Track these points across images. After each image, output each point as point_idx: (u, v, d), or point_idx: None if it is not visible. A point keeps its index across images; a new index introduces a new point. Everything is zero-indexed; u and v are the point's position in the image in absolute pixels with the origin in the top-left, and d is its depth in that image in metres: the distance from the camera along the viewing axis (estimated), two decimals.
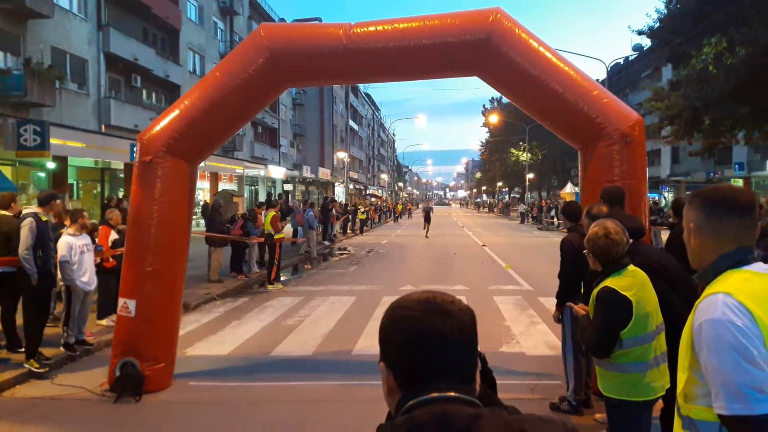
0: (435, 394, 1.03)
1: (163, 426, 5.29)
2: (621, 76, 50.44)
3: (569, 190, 36.54)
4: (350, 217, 31.46)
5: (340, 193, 58.39)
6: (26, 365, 6.51)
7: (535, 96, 6.06)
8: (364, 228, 33.24)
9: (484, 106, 71.06)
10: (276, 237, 13.28)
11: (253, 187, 40.63)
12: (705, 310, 1.62)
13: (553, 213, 38.90)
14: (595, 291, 3.21)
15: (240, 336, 8.47)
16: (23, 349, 6.71)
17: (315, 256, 19.09)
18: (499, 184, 73.05)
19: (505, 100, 62.93)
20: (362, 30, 6.03)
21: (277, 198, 21.71)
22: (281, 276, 13.96)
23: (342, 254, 20.66)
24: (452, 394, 1.03)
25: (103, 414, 5.53)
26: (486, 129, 69.37)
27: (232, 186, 33.73)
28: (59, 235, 7.19)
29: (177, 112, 6.33)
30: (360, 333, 8.42)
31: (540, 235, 31.17)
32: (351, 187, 58.62)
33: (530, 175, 52.06)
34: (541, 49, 5.87)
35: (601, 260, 3.25)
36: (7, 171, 16.44)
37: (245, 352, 7.64)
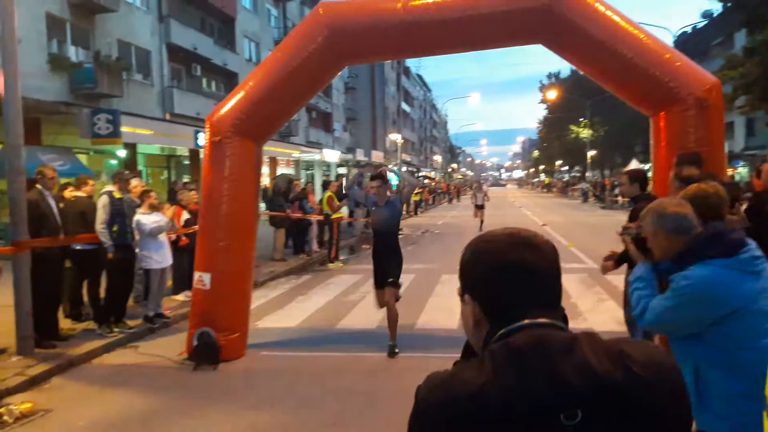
0: (527, 321, 1.04)
1: (240, 392, 5.59)
2: (689, 46, 47.89)
3: (634, 167, 35.33)
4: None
5: (393, 175, 58.49)
6: (105, 331, 7.03)
7: (603, 62, 5.93)
8: (419, 209, 33.28)
9: (541, 82, 69.11)
10: (333, 216, 13.60)
11: (308, 171, 41.29)
12: None
13: (617, 191, 37.72)
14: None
15: (306, 310, 8.78)
16: (111, 319, 7.19)
17: (358, 233, 19.32)
18: (558, 162, 71.31)
19: (563, 74, 61.45)
20: (420, 2, 6.06)
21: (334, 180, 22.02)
22: (340, 255, 14.25)
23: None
24: (544, 320, 1.05)
25: (183, 380, 5.90)
26: (544, 106, 67.63)
27: (289, 170, 34.42)
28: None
29: (242, 93, 6.58)
30: (421, 309, 8.56)
31: (603, 214, 30.42)
32: (404, 169, 58.62)
33: (592, 153, 50.56)
34: (608, 12, 5.73)
35: (704, 219, 3.12)
36: (83, 159, 17.39)
37: (312, 325, 7.93)
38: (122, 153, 18.89)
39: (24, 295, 6.23)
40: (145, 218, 7.49)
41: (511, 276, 1.08)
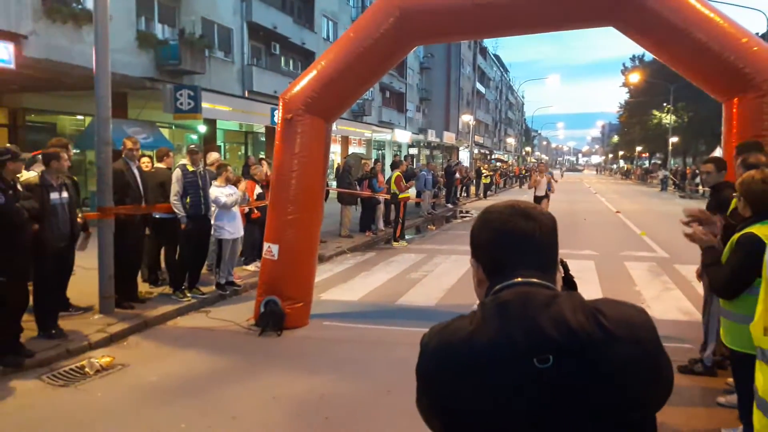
0: (519, 279, 1.18)
1: (302, 358, 5.85)
2: None
3: (719, 155, 33.44)
4: (473, 181, 31.35)
5: (464, 157, 57.91)
6: (178, 296, 7.50)
7: (676, 45, 5.72)
8: (488, 193, 32.90)
9: (624, 64, 65.87)
10: (400, 196, 13.71)
11: (380, 151, 41.55)
12: None
13: (698, 180, 35.80)
14: (737, 235, 3.10)
15: (368, 285, 8.98)
16: (185, 285, 7.64)
17: (425, 214, 19.33)
18: (639, 149, 68.27)
19: (648, 57, 58.22)
20: None
21: (402, 160, 22.11)
22: (405, 235, 14.38)
23: (465, 217, 20.71)
24: (534, 280, 1.18)
25: (249, 344, 6.22)
26: (625, 89, 64.69)
27: (360, 150, 34.79)
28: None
29: (314, 72, 6.75)
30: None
31: (682, 203, 28.99)
32: (476, 151, 57.86)
33: (674, 139, 48.12)
34: None
35: (752, 205, 3.12)
36: (165, 133, 18.29)
37: (373, 300, 8.12)
38: (202, 128, 19.71)
39: (107, 259, 6.73)
40: (220, 191, 7.86)
41: (507, 240, 1.22)
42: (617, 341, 1.09)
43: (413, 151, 47.64)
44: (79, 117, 17.54)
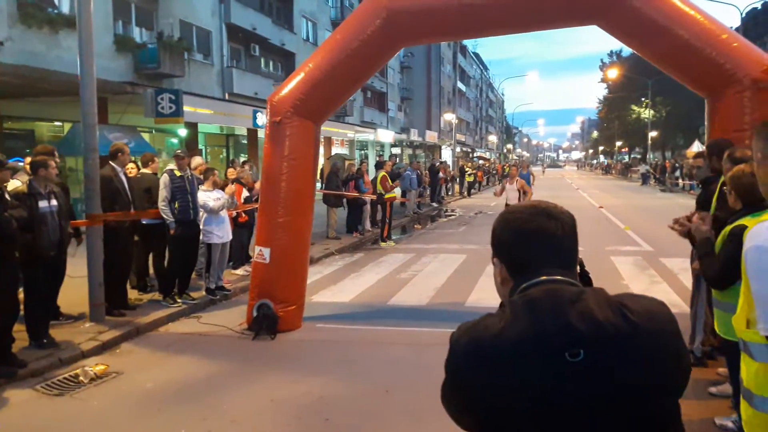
0: (544, 278, 1.21)
1: (297, 360, 5.85)
2: (758, 22, 45.48)
3: (696, 149, 33.96)
4: (457, 179, 31.52)
5: (446, 156, 58.12)
6: (168, 302, 7.46)
7: (659, 43, 5.85)
8: (472, 191, 33.08)
9: (602, 60, 66.71)
10: (387, 196, 13.75)
11: (362, 152, 41.54)
12: (752, 236, 1.66)
13: (677, 174, 36.37)
14: (728, 228, 3.18)
15: (359, 286, 9.00)
16: (174, 291, 7.59)
17: (410, 214, 19.40)
18: (619, 143, 69.06)
19: (625, 53, 59.12)
20: None
21: (386, 160, 22.15)
22: (392, 235, 14.42)
23: (450, 216, 20.82)
24: (559, 277, 1.22)
25: (244, 348, 6.21)
26: (604, 85, 65.50)
27: (343, 150, 34.73)
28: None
29: (302, 75, 6.75)
30: (472, 287, 8.64)
31: (663, 197, 29.48)
32: (458, 149, 58.08)
33: (653, 134, 48.76)
34: None
35: (742, 198, 3.21)
36: (146, 138, 18.10)
37: (365, 301, 8.14)
38: (183, 132, 19.55)
39: (97, 266, 6.67)
40: (207, 195, 7.82)
41: (530, 240, 1.25)
42: (642, 333, 1.13)
43: (396, 150, 47.71)
44: (57, 123, 17.29)
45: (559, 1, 5.91)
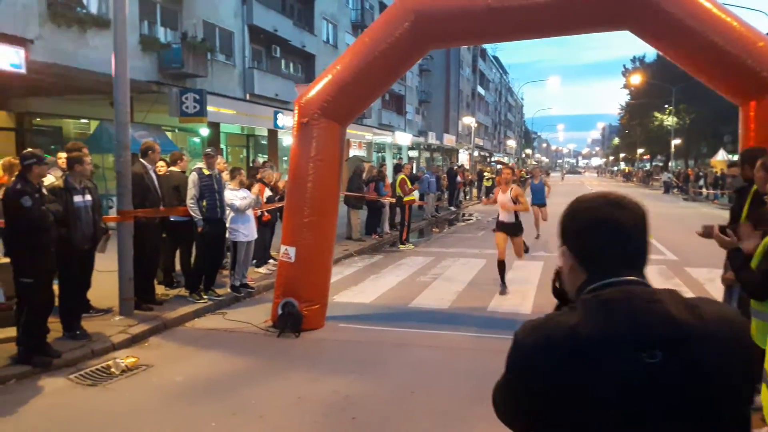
0: (618, 279, 1.20)
1: (322, 359, 5.92)
2: None
3: (721, 158, 33.52)
4: (475, 183, 31.46)
5: (464, 159, 57.98)
6: (194, 298, 7.58)
7: (692, 49, 5.82)
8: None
9: (624, 66, 65.94)
10: (406, 199, 13.81)
11: (380, 154, 41.61)
12: None
13: (701, 183, 35.87)
14: None
15: (379, 288, 9.06)
16: (201, 287, 7.71)
17: (428, 217, 19.40)
18: (640, 151, 68.31)
19: (648, 59, 58.46)
20: None
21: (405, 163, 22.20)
22: (410, 238, 14.46)
23: (468, 220, 20.79)
24: (632, 278, 1.20)
25: (269, 345, 6.30)
26: (626, 91, 64.84)
27: (361, 152, 34.82)
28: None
29: (330, 77, 6.83)
30: (494, 292, 8.64)
31: (686, 206, 29.13)
32: (476, 153, 57.90)
33: (676, 141, 48.14)
34: None
35: None
36: (169, 136, 18.34)
37: (386, 302, 8.20)
38: (205, 131, 19.77)
39: (126, 261, 6.80)
40: (234, 194, 7.94)
41: (599, 229, 1.24)
42: (718, 337, 1.12)
43: (413, 153, 47.69)
44: (84, 121, 17.60)
45: (591, 5, 5.90)
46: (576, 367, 1.12)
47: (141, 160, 7.33)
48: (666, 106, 49.46)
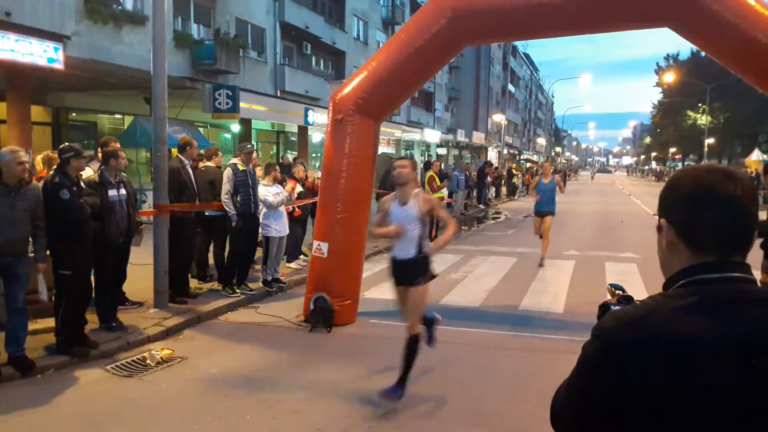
0: (722, 275, 1.11)
1: (356, 354, 5.93)
2: None
3: (756, 158, 32.66)
4: (504, 181, 31.22)
5: (493, 157, 57.52)
6: (227, 292, 7.66)
7: (734, 46, 5.66)
8: (518, 193, 32.70)
9: (657, 64, 64.71)
10: (435, 196, 13.74)
11: (408, 151, 41.54)
12: None
13: None
14: None
15: None
16: (234, 281, 7.79)
17: (457, 215, 19.26)
18: (672, 150, 66.98)
19: (682, 57, 57.37)
20: None
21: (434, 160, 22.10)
22: (439, 236, 14.39)
23: (497, 218, 20.62)
24: (738, 274, 1.12)
25: (300, 340, 6.33)
26: (659, 89, 63.60)
27: (389, 150, 34.81)
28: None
29: (365, 73, 6.83)
30: (525, 291, 8.56)
31: None
32: (505, 151, 57.43)
33: (710, 141, 47.10)
34: None
35: None
36: (201, 132, 18.59)
37: None
38: (236, 128, 19.98)
39: (162, 254, 6.89)
40: (267, 190, 7.99)
41: (706, 198, 1.13)
42: None
43: (442, 151, 47.51)
44: (118, 116, 17.94)
45: (625, 3, 5.79)
46: (673, 370, 1.04)
47: (179, 155, 7.43)
48: (699, 104, 48.39)
